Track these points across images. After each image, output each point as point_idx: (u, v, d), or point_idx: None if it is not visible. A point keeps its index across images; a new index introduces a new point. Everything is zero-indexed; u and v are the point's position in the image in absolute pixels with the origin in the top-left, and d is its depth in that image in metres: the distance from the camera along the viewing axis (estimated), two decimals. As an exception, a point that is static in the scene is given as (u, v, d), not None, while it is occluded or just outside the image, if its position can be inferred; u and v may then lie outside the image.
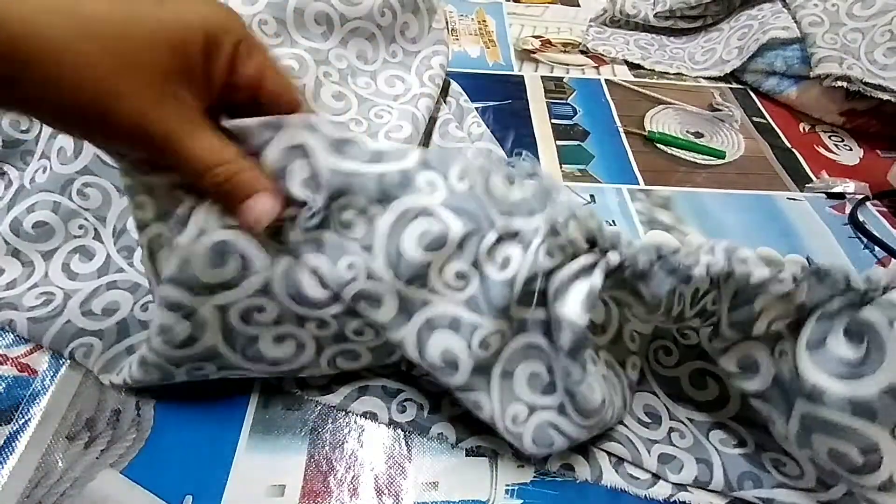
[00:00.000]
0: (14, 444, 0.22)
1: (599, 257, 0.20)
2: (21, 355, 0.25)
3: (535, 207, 0.20)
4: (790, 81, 0.48)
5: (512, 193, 0.20)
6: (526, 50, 0.53)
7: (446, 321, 0.20)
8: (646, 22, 0.55)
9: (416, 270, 0.20)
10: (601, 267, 0.19)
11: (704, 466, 0.23)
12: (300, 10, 0.33)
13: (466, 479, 0.23)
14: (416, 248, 0.19)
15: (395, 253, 0.19)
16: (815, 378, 0.18)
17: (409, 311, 0.20)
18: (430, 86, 0.37)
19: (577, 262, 0.20)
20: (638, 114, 0.46)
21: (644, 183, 0.39)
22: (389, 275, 0.20)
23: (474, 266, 0.20)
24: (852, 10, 0.46)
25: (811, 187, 0.40)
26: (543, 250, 0.19)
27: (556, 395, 0.21)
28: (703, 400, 0.26)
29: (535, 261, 0.19)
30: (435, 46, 0.39)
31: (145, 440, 0.23)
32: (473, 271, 0.20)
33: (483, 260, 0.20)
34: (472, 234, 0.20)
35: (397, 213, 0.19)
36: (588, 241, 0.20)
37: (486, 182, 0.20)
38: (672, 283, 0.19)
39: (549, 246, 0.19)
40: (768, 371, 0.21)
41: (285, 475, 0.22)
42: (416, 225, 0.19)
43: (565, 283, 0.20)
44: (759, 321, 0.20)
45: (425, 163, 0.20)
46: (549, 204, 0.20)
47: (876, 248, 0.36)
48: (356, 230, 0.20)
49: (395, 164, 0.20)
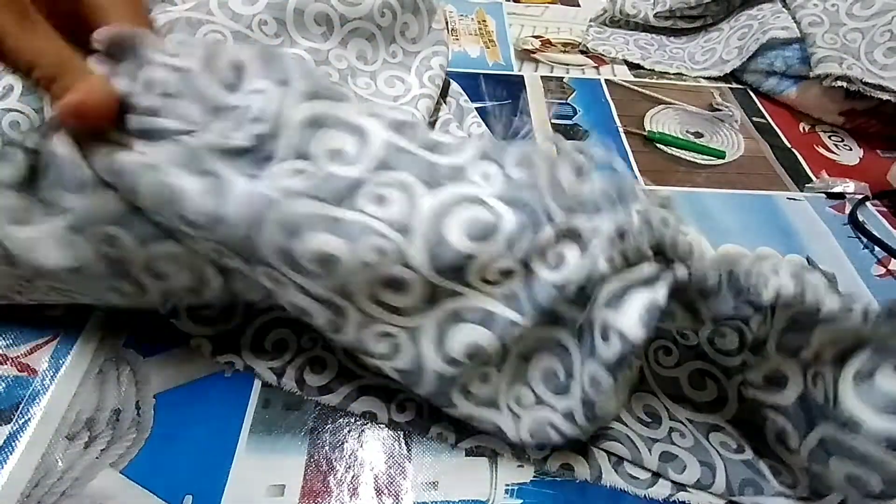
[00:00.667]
0: (14, 444, 0.22)
1: (664, 269, 0.18)
2: (21, 355, 0.25)
3: (602, 205, 0.18)
4: (790, 81, 0.48)
5: (579, 188, 0.18)
6: (526, 50, 0.53)
7: (477, 315, 0.19)
8: (646, 22, 0.55)
9: (456, 262, 0.18)
10: (666, 280, 0.18)
11: (707, 469, 0.23)
12: (300, 11, 0.33)
13: (466, 479, 0.23)
14: (461, 235, 0.17)
15: (436, 239, 0.17)
16: (856, 409, 0.18)
17: (433, 300, 0.19)
18: (429, 86, 0.37)
19: (639, 270, 0.18)
20: (638, 114, 0.46)
21: (644, 183, 0.39)
22: (426, 263, 0.18)
23: (523, 264, 0.18)
24: (852, 10, 0.46)
25: (811, 187, 0.40)
26: (604, 254, 0.18)
27: (568, 400, 0.21)
28: (701, 401, 0.26)
29: (593, 264, 0.18)
30: (435, 47, 0.39)
31: (145, 440, 0.23)
32: (520, 268, 0.18)
33: (534, 257, 0.18)
34: (525, 227, 0.18)
35: (445, 197, 0.18)
36: (654, 249, 0.18)
37: (550, 171, 0.18)
38: (737, 304, 0.18)
39: (611, 250, 0.18)
40: (796, 388, 0.20)
41: (285, 475, 0.22)
42: (465, 210, 0.18)
43: (622, 291, 0.18)
44: (810, 347, 0.19)
45: (483, 154, 0.19)
46: (619, 203, 0.18)
47: (876, 248, 0.36)
48: (392, 208, 0.18)
49: (450, 158, 0.18)
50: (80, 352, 0.25)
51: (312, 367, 0.25)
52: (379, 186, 0.18)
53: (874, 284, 0.34)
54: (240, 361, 0.25)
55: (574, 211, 0.18)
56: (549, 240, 0.18)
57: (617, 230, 0.18)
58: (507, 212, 0.18)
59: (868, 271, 0.35)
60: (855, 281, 0.34)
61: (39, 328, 0.26)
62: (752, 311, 0.19)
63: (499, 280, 0.19)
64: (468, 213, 0.18)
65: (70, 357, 0.25)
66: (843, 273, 0.34)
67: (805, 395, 0.20)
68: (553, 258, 0.18)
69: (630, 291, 0.18)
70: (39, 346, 0.25)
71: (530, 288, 0.18)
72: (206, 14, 0.30)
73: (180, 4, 0.31)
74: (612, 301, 0.18)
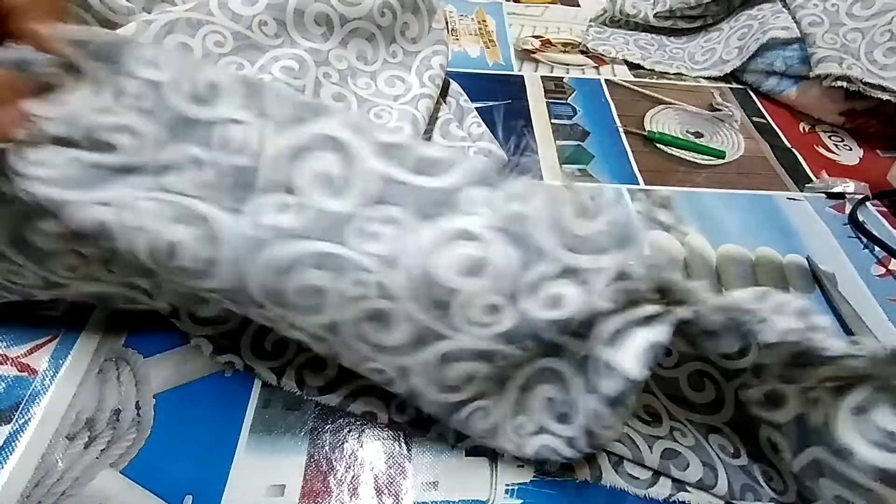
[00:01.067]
0: (14, 444, 0.22)
1: (667, 309, 0.18)
2: (21, 355, 0.25)
3: (606, 245, 0.18)
4: (790, 81, 0.48)
5: (583, 227, 0.18)
6: (526, 50, 0.53)
7: (470, 354, 0.18)
8: (646, 22, 0.55)
9: (439, 295, 0.18)
10: (669, 321, 0.18)
11: (709, 470, 0.23)
12: (300, 11, 0.33)
13: (466, 479, 0.23)
14: (448, 271, 0.17)
15: (422, 272, 0.17)
16: (849, 440, 0.18)
17: (420, 341, 0.18)
18: (429, 86, 0.37)
19: (642, 309, 0.18)
20: (638, 114, 0.46)
21: (644, 183, 0.39)
22: (407, 293, 0.17)
23: (509, 300, 0.18)
24: (852, 10, 0.46)
25: (811, 187, 0.40)
26: (605, 294, 0.17)
27: (570, 428, 0.21)
28: (699, 402, 0.26)
29: (592, 303, 0.18)
30: (435, 46, 0.39)
31: (145, 440, 0.23)
32: (507, 304, 0.18)
33: (524, 293, 0.18)
34: (516, 264, 0.18)
35: (435, 232, 0.17)
36: (658, 291, 0.18)
37: (552, 208, 0.18)
38: (740, 344, 0.18)
39: (613, 290, 0.17)
40: (794, 409, 0.20)
41: (285, 475, 0.22)
42: (455, 248, 0.17)
43: (623, 329, 0.18)
44: (811, 379, 0.19)
45: (478, 178, 0.18)
46: (624, 244, 0.18)
47: (876, 248, 0.36)
48: (380, 242, 0.17)
49: (442, 179, 0.18)
50: (80, 352, 0.25)
51: (312, 367, 0.25)
52: (369, 222, 0.18)
53: (874, 284, 0.34)
54: (240, 361, 0.25)
55: (575, 250, 0.18)
56: (542, 277, 0.18)
57: (619, 271, 0.18)
58: (498, 246, 0.18)
59: (868, 271, 0.35)
60: (855, 281, 0.34)
61: (39, 328, 0.26)
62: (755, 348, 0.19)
63: (488, 321, 0.18)
64: (457, 250, 0.17)
65: (70, 357, 0.25)
66: (843, 273, 0.34)
67: (803, 416, 0.20)
68: (549, 296, 0.18)
69: (631, 329, 0.18)
70: (39, 346, 0.25)
71: (526, 325, 0.18)
72: (206, 14, 0.30)
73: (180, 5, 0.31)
74: (614, 338, 0.18)
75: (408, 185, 0.18)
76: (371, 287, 0.17)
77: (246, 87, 0.18)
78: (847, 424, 0.18)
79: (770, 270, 0.34)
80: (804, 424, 0.20)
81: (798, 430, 0.21)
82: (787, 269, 0.34)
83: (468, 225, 0.18)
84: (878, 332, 0.30)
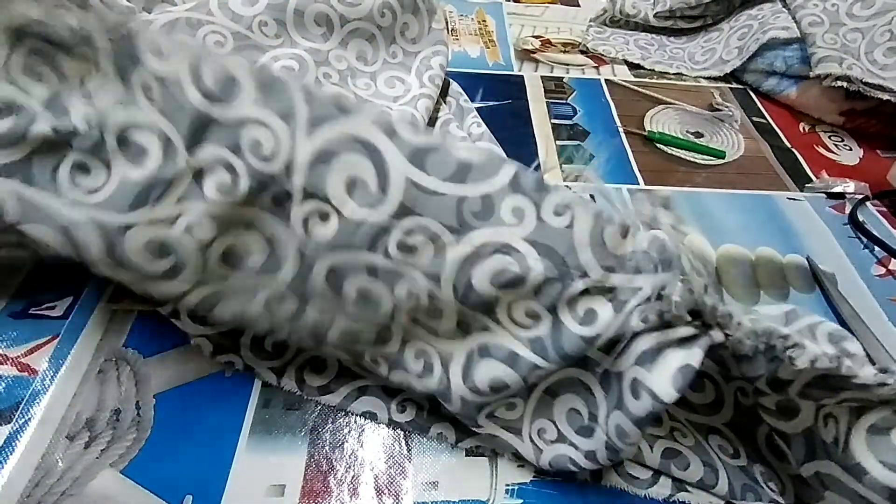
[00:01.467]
0: (14, 444, 0.22)
1: (701, 332, 0.18)
2: (21, 355, 0.25)
3: (643, 266, 0.18)
4: (790, 81, 0.48)
5: (622, 247, 0.18)
6: (526, 50, 0.53)
7: (503, 353, 0.19)
8: (646, 22, 0.55)
9: (484, 301, 0.18)
10: (702, 344, 0.18)
11: (710, 470, 0.23)
12: (300, 12, 0.33)
13: (466, 479, 0.23)
14: (487, 284, 0.18)
15: (464, 285, 0.18)
16: (864, 458, 0.18)
17: (467, 328, 0.19)
18: (429, 86, 0.37)
19: (675, 331, 0.18)
20: (638, 114, 0.46)
21: (644, 183, 0.39)
22: (454, 303, 0.18)
23: (549, 310, 0.18)
24: (852, 10, 0.46)
25: (811, 187, 0.40)
26: (639, 314, 0.17)
27: (591, 441, 0.21)
28: (699, 403, 0.26)
29: (626, 322, 0.18)
30: (435, 47, 0.39)
31: (145, 440, 0.23)
32: (547, 315, 0.18)
33: (562, 308, 0.18)
34: (554, 279, 0.18)
35: (473, 246, 0.18)
36: (692, 314, 0.18)
37: (594, 227, 0.18)
38: (771, 369, 0.18)
39: (647, 311, 0.17)
40: (805, 422, 0.20)
41: (285, 475, 0.22)
42: (493, 261, 0.18)
43: (655, 349, 0.18)
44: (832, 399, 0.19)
45: (517, 185, 0.18)
46: (662, 266, 0.18)
47: (876, 248, 0.36)
48: (422, 257, 0.18)
49: (479, 187, 0.18)
50: (80, 352, 0.25)
51: (312, 367, 0.25)
52: (406, 235, 0.18)
53: (874, 284, 0.34)
54: (240, 361, 0.25)
55: (613, 270, 0.18)
56: (579, 293, 0.18)
57: (655, 292, 0.17)
58: (535, 262, 0.18)
59: (868, 271, 0.35)
60: (855, 281, 0.34)
61: (39, 328, 0.26)
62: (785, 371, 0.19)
63: (526, 323, 0.19)
64: (496, 264, 0.18)
65: (70, 357, 0.25)
66: (844, 273, 0.34)
67: (812, 430, 0.20)
68: (583, 311, 0.18)
69: (664, 351, 0.18)
70: (39, 346, 0.25)
71: (557, 336, 0.18)
72: (206, 14, 0.30)
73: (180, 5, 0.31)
74: (644, 358, 0.18)
75: (443, 195, 0.18)
76: (423, 295, 0.19)
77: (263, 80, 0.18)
78: (863, 443, 0.18)
79: (770, 270, 0.34)
80: (812, 438, 0.20)
81: (805, 442, 0.21)
82: (787, 269, 0.34)
83: (506, 238, 0.18)
84: (879, 332, 0.30)
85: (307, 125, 0.18)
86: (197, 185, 0.18)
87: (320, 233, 0.18)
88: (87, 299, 0.27)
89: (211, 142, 0.18)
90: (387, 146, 0.17)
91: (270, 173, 0.18)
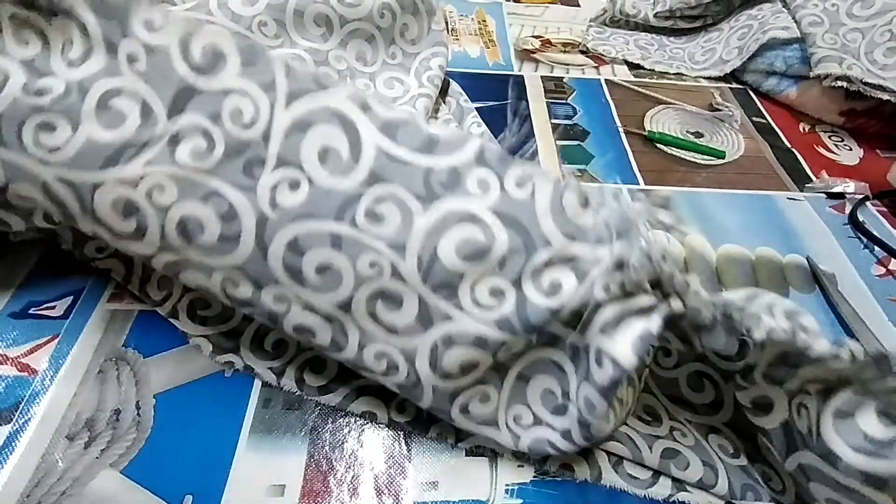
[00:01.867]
0: (14, 444, 0.22)
1: (661, 301, 0.18)
2: (21, 355, 0.25)
3: (604, 236, 0.18)
4: (790, 81, 0.48)
5: (582, 217, 0.18)
6: (526, 50, 0.53)
7: (469, 338, 0.19)
8: (646, 22, 0.55)
9: (447, 278, 0.18)
10: (661, 312, 0.18)
11: (710, 469, 0.23)
12: (300, 12, 0.33)
13: (466, 479, 0.23)
14: (453, 254, 0.18)
15: (429, 256, 0.18)
16: (834, 444, 0.18)
17: (428, 321, 0.19)
18: (428, 86, 0.37)
19: (635, 301, 0.18)
20: (638, 114, 0.46)
21: (644, 183, 0.39)
22: (417, 278, 0.18)
23: (514, 284, 0.19)
24: (852, 10, 0.46)
25: (811, 187, 0.40)
26: (601, 283, 0.18)
27: (565, 420, 0.21)
28: (699, 403, 0.26)
29: (588, 292, 0.18)
30: (434, 48, 0.39)
31: (145, 440, 0.23)
32: (511, 289, 0.19)
33: (526, 280, 0.18)
34: (518, 250, 0.18)
35: (440, 214, 0.18)
36: (652, 283, 0.18)
37: (553, 195, 0.18)
38: (729, 341, 0.19)
39: (609, 280, 0.18)
40: (780, 415, 0.21)
41: (285, 475, 0.23)
42: (459, 230, 0.18)
43: (617, 318, 0.18)
44: (795, 380, 0.19)
45: (482, 159, 0.18)
46: (622, 236, 0.18)
47: (876, 248, 0.36)
48: (389, 226, 0.18)
49: (447, 159, 0.18)
50: (80, 352, 0.25)
51: (312, 366, 0.25)
52: (374, 202, 0.18)
53: (874, 284, 0.34)
54: (240, 361, 0.25)
55: (574, 238, 0.18)
56: (543, 263, 0.18)
57: (616, 261, 0.18)
58: (500, 231, 0.18)
59: (868, 271, 0.35)
60: (855, 281, 0.34)
61: (39, 328, 0.26)
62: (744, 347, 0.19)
63: (490, 303, 0.19)
64: (462, 233, 0.18)
65: (70, 357, 0.25)
66: (843, 273, 0.34)
67: (788, 422, 0.20)
68: (547, 283, 0.18)
69: (625, 319, 0.18)
70: (39, 346, 0.25)
71: (522, 310, 0.19)
72: (206, 14, 0.30)
73: (180, 4, 0.31)
74: (607, 327, 0.18)
75: (412, 165, 0.18)
76: (385, 268, 0.18)
77: (248, 55, 0.18)
78: (831, 429, 0.19)
79: (770, 270, 0.34)
80: (790, 429, 0.20)
81: (785, 436, 0.21)
82: (787, 269, 0.34)
83: (472, 208, 0.18)
84: (879, 332, 0.30)
85: (286, 97, 0.18)
86: (169, 149, 0.19)
87: (288, 201, 0.18)
88: (87, 299, 0.27)
89: (192, 110, 0.18)
90: (360, 118, 0.18)
91: (247, 140, 0.18)
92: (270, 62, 0.18)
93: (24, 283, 0.28)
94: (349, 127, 0.18)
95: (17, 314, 0.27)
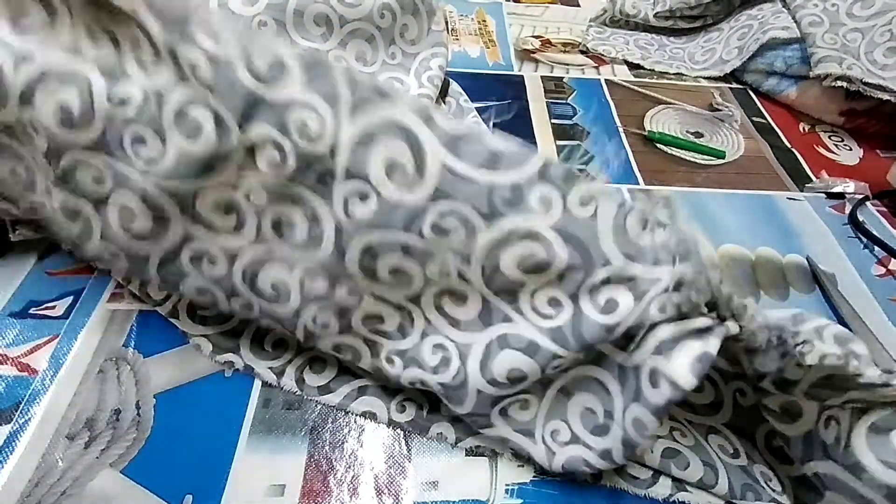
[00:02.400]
0: (14, 444, 0.22)
1: (717, 323, 0.18)
2: (21, 355, 0.25)
3: (662, 258, 0.18)
4: (790, 81, 0.48)
5: (643, 237, 0.18)
6: (526, 50, 0.53)
7: (523, 343, 0.20)
8: (646, 22, 0.55)
9: (509, 286, 0.19)
10: (718, 335, 0.18)
11: (710, 469, 0.23)
12: (300, 12, 0.33)
13: (466, 479, 0.23)
14: (514, 267, 0.19)
15: (492, 266, 0.19)
16: (864, 456, 0.19)
17: (489, 320, 0.20)
18: (428, 86, 0.37)
19: (692, 322, 0.18)
20: (638, 114, 0.46)
21: (644, 183, 0.39)
22: (481, 282, 0.19)
23: (571, 298, 0.19)
24: (852, 10, 0.46)
25: (811, 187, 0.40)
26: (658, 304, 0.18)
27: (607, 440, 0.21)
28: (699, 403, 0.26)
29: (645, 312, 0.18)
30: (434, 48, 0.39)
31: (145, 440, 0.23)
32: (569, 302, 0.19)
33: (583, 296, 0.19)
34: (577, 267, 0.18)
35: (503, 232, 0.18)
36: (708, 305, 0.18)
37: (617, 216, 0.18)
38: (781, 364, 0.19)
39: (666, 301, 0.18)
40: (807, 425, 0.21)
41: (285, 475, 0.23)
42: (520, 246, 0.18)
43: (673, 339, 0.18)
44: (838, 399, 0.19)
45: (545, 175, 0.18)
46: (681, 258, 0.18)
47: (876, 248, 0.36)
48: (454, 239, 0.19)
49: (510, 175, 0.18)
50: (81, 352, 0.25)
51: (312, 366, 0.25)
52: (439, 217, 0.19)
53: (874, 284, 0.34)
54: (240, 361, 0.25)
55: (634, 259, 0.18)
56: (601, 281, 0.18)
57: (675, 283, 0.18)
58: (561, 248, 0.18)
59: (868, 271, 0.35)
60: (855, 281, 0.34)
61: (39, 328, 0.26)
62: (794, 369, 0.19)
63: (548, 312, 0.19)
64: (523, 249, 0.18)
65: (70, 357, 0.25)
66: (844, 273, 0.34)
67: (812, 432, 0.20)
68: (604, 300, 0.19)
69: (682, 340, 0.18)
70: (39, 346, 0.25)
71: (577, 324, 0.19)
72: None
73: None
74: (663, 348, 0.18)
75: (475, 182, 0.18)
76: (452, 273, 0.19)
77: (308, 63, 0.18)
78: (863, 441, 0.19)
79: (770, 270, 0.34)
80: (811, 439, 0.20)
81: (804, 444, 0.21)
82: (787, 269, 0.34)
83: (534, 225, 0.18)
84: (878, 332, 0.30)
85: (350, 109, 0.18)
86: (251, 158, 0.19)
87: (359, 212, 0.19)
88: (87, 299, 0.27)
89: (260, 120, 0.19)
90: (423, 131, 0.18)
91: (315, 153, 0.19)
92: (331, 72, 0.18)
93: (24, 283, 0.28)
94: (413, 141, 0.18)
95: (17, 314, 0.27)
